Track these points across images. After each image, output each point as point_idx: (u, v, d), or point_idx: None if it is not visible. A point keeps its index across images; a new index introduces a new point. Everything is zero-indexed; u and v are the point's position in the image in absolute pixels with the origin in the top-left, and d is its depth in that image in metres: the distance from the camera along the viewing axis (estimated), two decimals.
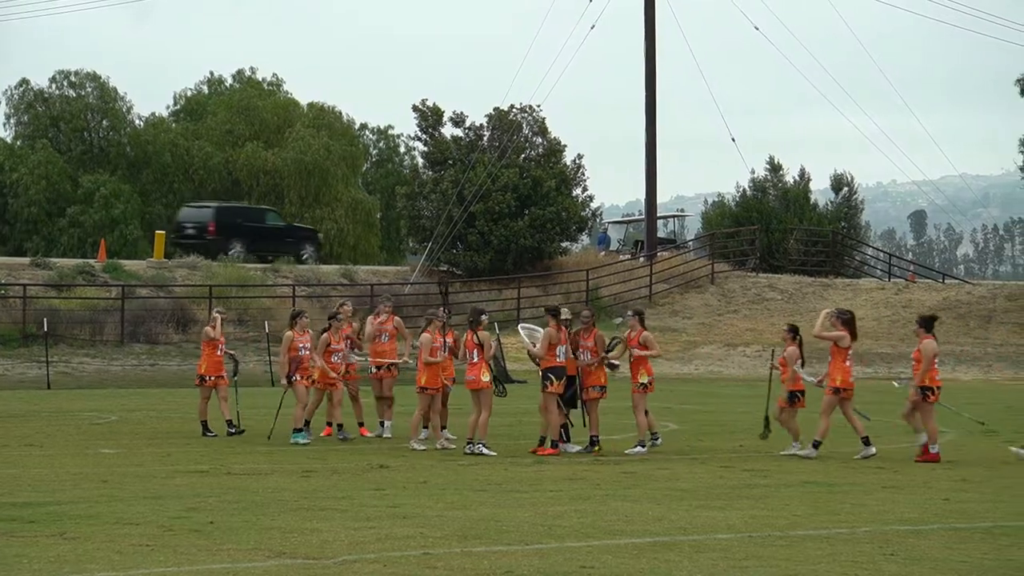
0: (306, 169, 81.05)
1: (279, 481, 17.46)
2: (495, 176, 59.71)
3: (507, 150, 61.19)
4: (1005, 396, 38.69)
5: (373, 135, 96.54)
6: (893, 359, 50.71)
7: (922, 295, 59.22)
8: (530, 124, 63.09)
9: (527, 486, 17.11)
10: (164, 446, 22.23)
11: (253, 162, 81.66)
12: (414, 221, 62.75)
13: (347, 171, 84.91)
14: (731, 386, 43.96)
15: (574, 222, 62.23)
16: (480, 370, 21.30)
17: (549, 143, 63.19)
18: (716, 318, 57.71)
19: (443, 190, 60.19)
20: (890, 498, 16.01)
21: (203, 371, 24.90)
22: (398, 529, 13.33)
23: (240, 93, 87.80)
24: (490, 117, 63.05)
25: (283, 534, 12.99)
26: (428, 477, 18.06)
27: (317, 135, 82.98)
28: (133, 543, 12.44)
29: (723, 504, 15.39)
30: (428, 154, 63.77)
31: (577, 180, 63.20)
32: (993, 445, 23.18)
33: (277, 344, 48.27)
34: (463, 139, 62.95)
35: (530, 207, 60.57)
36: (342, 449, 21.94)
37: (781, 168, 72.13)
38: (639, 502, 15.52)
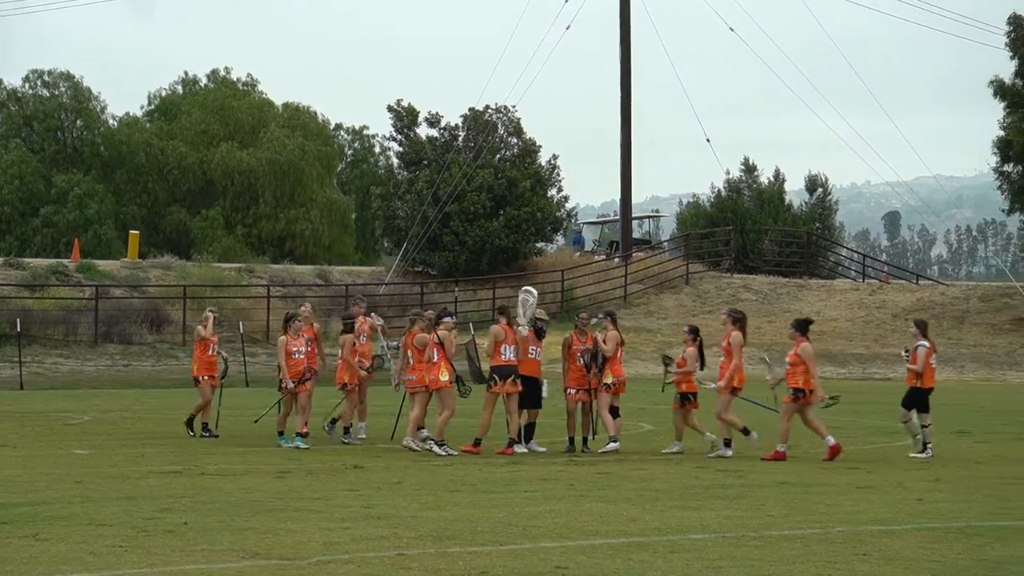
0: (281, 169, 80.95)
1: (253, 482, 17.42)
2: (470, 176, 59.70)
3: (482, 150, 61.20)
4: (978, 397, 38.81)
5: (348, 135, 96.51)
6: (867, 360, 50.85)
7: (896, 296, 59.40)
8: (505, 124, 63.12)
9: (502, 487, 17.10)
10: (138, 447, 22.16)
11: (228, 162, 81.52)
12: (389, 221, 62.71)
13: (322, 171, 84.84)
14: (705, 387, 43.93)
15: (549, 222, 62.28)
16: (439, 369, 21.30)
17: (524, 143, 63.22)
18: (691, 319, 57.76)
19: (418, 190, 60.16)
20: (864, 498, 16.04)
21: (197, 372, 24.69)
22: (372, 530, 13.31)
23: (215, 93, 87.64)
24: (465, 117, 63.06)
25: (257, 535, 12.96)
26: (403, 478, 18.04)
27: (292, 135, 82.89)
28: (107, 544, 12.40)
29: (697, 504, 15.40)
30: (403, 154, 63.75)
31: (552, 181, 63.24)
32: (966, 445, 23.26)
33: (251, 345, 48.47)
34: (438, 139, 62.94)
35: (505, 207, 60.58)
36: (317, 449, 21.90)
37: (756, 169, 72.33)
38: (614, 503, 15.53)
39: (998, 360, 50.24)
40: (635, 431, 25.14)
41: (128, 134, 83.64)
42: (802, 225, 69.52)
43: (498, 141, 62.98)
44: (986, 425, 27.67)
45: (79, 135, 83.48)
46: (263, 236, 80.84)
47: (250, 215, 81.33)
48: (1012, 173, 57.58)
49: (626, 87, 62.26)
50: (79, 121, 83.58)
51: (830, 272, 69.09)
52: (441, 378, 21.29)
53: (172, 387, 41.71)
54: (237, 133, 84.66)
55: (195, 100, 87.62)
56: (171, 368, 46.66)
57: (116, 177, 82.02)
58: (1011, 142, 56.66)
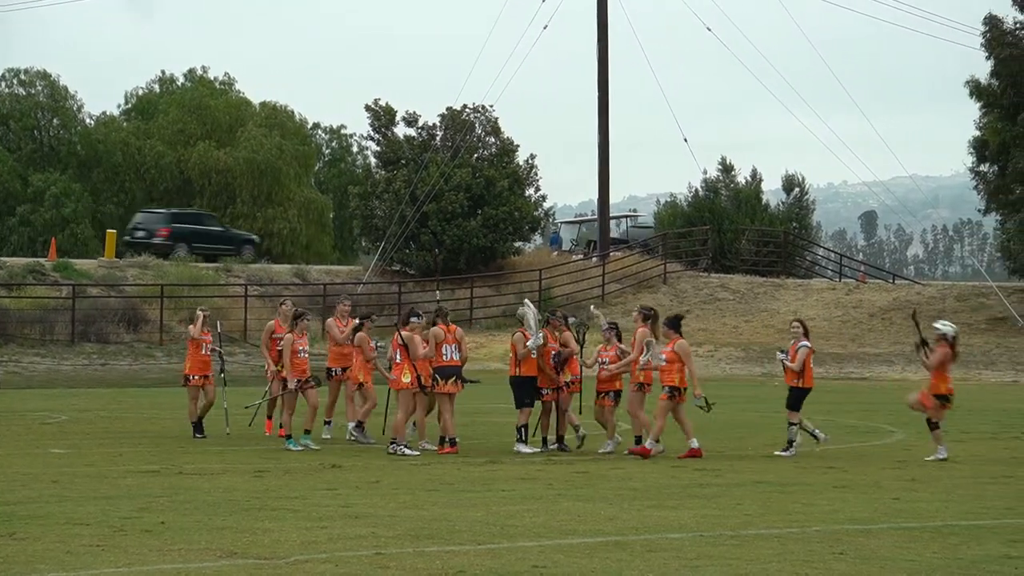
0: (258, 168, 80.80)
1: (231, 481, 17.39)
2: (448, 176, 59.69)
3: (460, 150, 61.19)
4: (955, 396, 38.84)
5: (326, 134, 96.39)
6: (844, 359, 50.98)
7: (872, 295, 59.57)
8: (483, 124, 63.11)
9: (479, 486, 17.11)
10: (115, 446, 22.11)
11: (205, 161, 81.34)
12: (367, 221, 62.66)
13: (299, 171, 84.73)
14: None
15: (527, 222, 62.29)
16: (401, 370, 21.30)
17: (502, 143, 63.22)
18: None
19: (396, 190, 60.11)
20: (840, 497, 16.08)
21: (188, 371, 24.33)
22: (350, 529, 13.31)
23: (192, 92, 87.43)
24: (443, 117, 63.04)
25: (235, 534, 12.94)
26: (380, 477, 18.03)
27: (269, 134, 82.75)
28: (84, 543, 12.37)
29: (675, 504, 15.43)
30: (381, 154, 63.70)
31: (530, 180, 63.25)
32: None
33: (229, 344, 48.37)
34: (416, 139, 62.91)
35: (483, 207, 60.58)
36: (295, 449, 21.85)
37: (733, 169, 72.46)
38: (591, 502, 15.54)
39: (974, 360, 50.39)
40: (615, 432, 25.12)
41: (105, 133, 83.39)
42: (779, 225, 69.67)
43: (476, 141, 62.98)
44: (962, 424, 27.77)
45: (56, 134, 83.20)
46: None
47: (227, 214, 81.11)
48: (988, 173, 57.77)
49: (603, 87, 62.32)
50: (56, 120, 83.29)
51: (807, 272, 69.25)
52: (403, 380, 21.30)
53: (150, 386, 41.62)
54: (214, 132, 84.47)
55: (172, 99, 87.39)
56: (148, 367, 46.56)
57: (93, 176, 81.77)
58: (987, 142, 56.85)
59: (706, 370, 50.21)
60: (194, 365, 24.24)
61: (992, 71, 56.44)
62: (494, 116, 63.18)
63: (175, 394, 38.12)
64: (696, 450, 20.98)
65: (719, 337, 54.87)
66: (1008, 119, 55.70)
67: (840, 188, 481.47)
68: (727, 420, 29.30)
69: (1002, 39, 55.60)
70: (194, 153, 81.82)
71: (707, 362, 51.37)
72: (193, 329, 24.50)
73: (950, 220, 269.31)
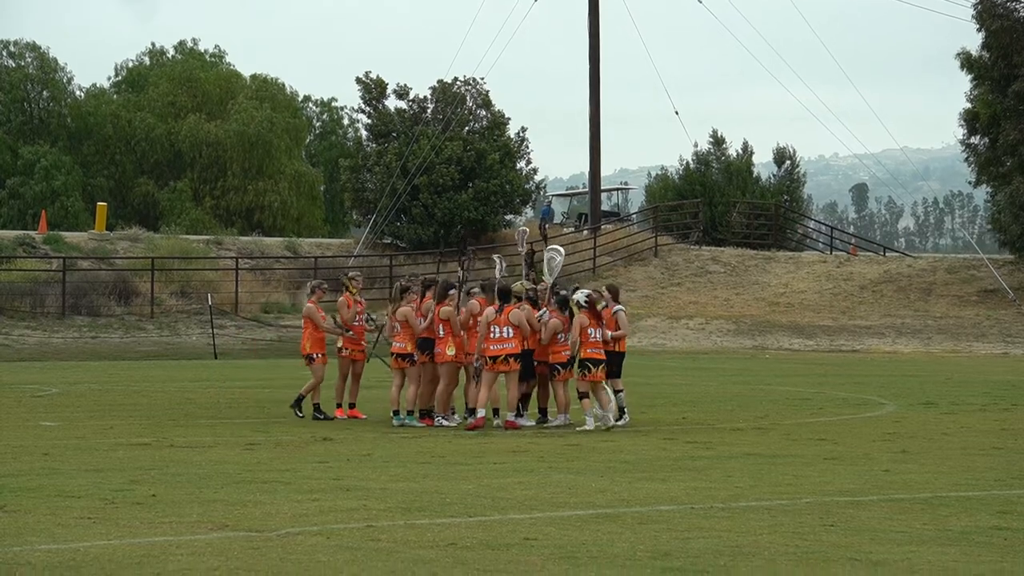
0: (249, 141, 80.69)
1: (222, 453, 17.39)
2: (439, 149, 59.61)
3: (451, 123, 61.10)
4: (945, 368, 39.00)
5: (316, 107, 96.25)
6: (835, 332, 51.02)
7: (863, 268, 59.60)
8: (474, 97, 63.02)
9: (471, 459, 17.11)
10: (106, 419, 22.09)
11: (195, 134, 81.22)
12: (358, 194, 62.60)
13: (290, 143, 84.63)
14: (674, 358, 44.11)
15: (518, 195, 62.28)
16: (446, 344, 21.42)
17: (493, 116, 63.15)
18: (660, 291, 57.89)
19: (387, 163, 60.05)
20: (831, 469, 16.10)
21: (310, 349, 22.38)
22: (341, 502, 13.31)
23: (182, 64, 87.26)
24: (434, 89, 62.95)
25: (226, 507, 12.94)
26: (372, 450, 18.02)
27: (260, 107, 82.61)
28: (75, 516, 12.36)
29: (665, 476, 15.43)
30: (372, 126, 63.62)
31: (521, 153, 63.24)
32: (933, 417, 23.34)
33: (218, 318, 48.42)
34: (407, 111, 62.83)
35: (474, 180, 60.54)
36: (286, 422, 21.86)
37: (724, 142, 72.43)
38: (582, 474, 15.54)
39: (965, 332, 50.47)
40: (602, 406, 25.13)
41: (95, 105, 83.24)
42: (770, 197, 69.68)
43: (467, 113, 62.89)
44: (952, 396, 27.79)
45: (45, 106, 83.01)
46: (231, 208, 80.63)
47: (218, 187, 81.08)
48: (979, 145, 57.73)
49: (595, 60, 62.19)
50: (45, 92, 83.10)
51: (798, 244, 69.29)
52: (448, 352, 21.37)
53: (140, 359, 41.59)
54: (205, 105, 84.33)
55: (162, 71, 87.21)
56: (139, 340, 46.53)
57: (83, 149, 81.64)
58: (978, 114, 56.80)
59: (696, 343, 50.26)
60: (315, 343, 22.44)
61: (983, 43, 56.36)
62: (485, 89, 63.15)
63: (166, 367, 38.14)
64: (512, 422, 21.00)
65: (710, 310, 54.90)
66: (999, 91, 55.65)
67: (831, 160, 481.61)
68: (718, 393, 29.32)
69: (993, 11, 55.49)
70: (184, 126, 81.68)
71: (698, 335, 51.41)
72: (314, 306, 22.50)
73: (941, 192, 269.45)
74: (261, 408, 24.45)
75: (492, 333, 21.10)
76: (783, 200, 70.72)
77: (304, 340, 22.54)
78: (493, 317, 21.13)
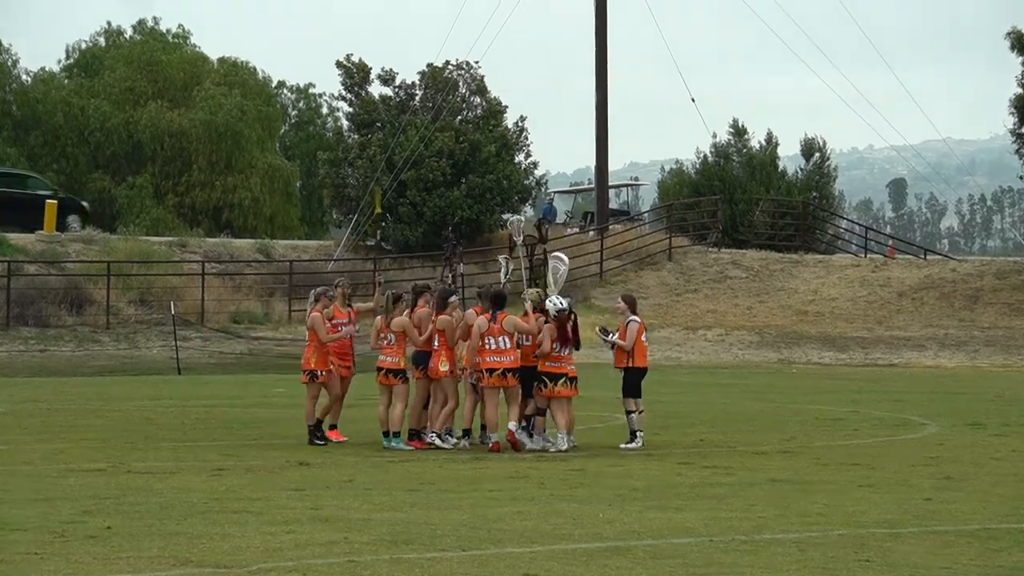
0: (216, 132, 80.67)
1: (186, 480, 17.38)
2: (428, 140, 59.65)
3: (442, 111, 61.15)
4: (994, 385, 38.99)
5: (292, 94, 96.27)
6: (870, 344, 51.06)
7: (902, 272, 59.65)
8: (467, 82, 63.06)
9: (464, 485, 17.11)
10: (55, 442, 22.08)
11: (157, 124, 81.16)
12: (338, 190, 62.63)
13: (263, 134, 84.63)
14: (691, 373, 44.13)
15: (516, 191, 62.29)
16: (439, 359, 21.44)
17: (489, 104, 63.20)
18: (674, 298, 57.93)
19: (371, 156, 60.09)
20: (866, 498, 16.10)
21: (312, 365, 22.19)
22: (320, 534, 13.30)
23: (142, 46, 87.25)
24: (423, 75, 63.00)
25: (190, 540, 12.93)
26: (353, 475, 18.03)
27: (229, 94, 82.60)
28: (20, 552, 12.34)
29: (681, 505, 15.44)
30: (354, 115, 63.67)
31: (520, 145, 63.27)
32: (980, 439, 23.35)
33: (182, 329, 48.39)
34: (393, 99, 62.87)
35: (467, 175, 60.60)
36: (257, 445, 21.86)
37: (746, 132, 72.49)
38: (588, 503, 15.55)
39: (1016, 344, 50.51)
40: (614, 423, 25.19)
41: (44, 92, 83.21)
42: (797, 194, 69.72)
43: (459, 101, 62.93)
44: (1002, 416, 27.82)
45: None
46: (197, 206, 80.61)
47: (182, 183, 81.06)
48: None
49: (601, 41, 62.23)
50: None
51: (828, 246, 69.35)
52: (441, 368, 21.38)
53: (95, 375, 41.57)
54: (167, 91, 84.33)
55: (119, 54, 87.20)
56: (93, 354, 46.52)
57: (30, 140, 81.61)
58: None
59: (715, 356, 50.30)
60: (320, 358, 22.24)
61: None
62: (480, 74, 63.19)
63: (123, 383, 38.11)
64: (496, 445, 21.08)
65: (730, 319, 54.94)
66: None
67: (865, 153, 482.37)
68: (739, 412, 29.32)
69: None
70: (144, 114, 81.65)
71: (716, 347, 51.45)
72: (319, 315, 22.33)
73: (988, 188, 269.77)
74: (230, 429, 24.45)
75: (487, 344, 21.10)
76: (812, 197, 70.78)
77: (308, 354, 22.39)
78: (486, 327, 21.13)
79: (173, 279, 53.27)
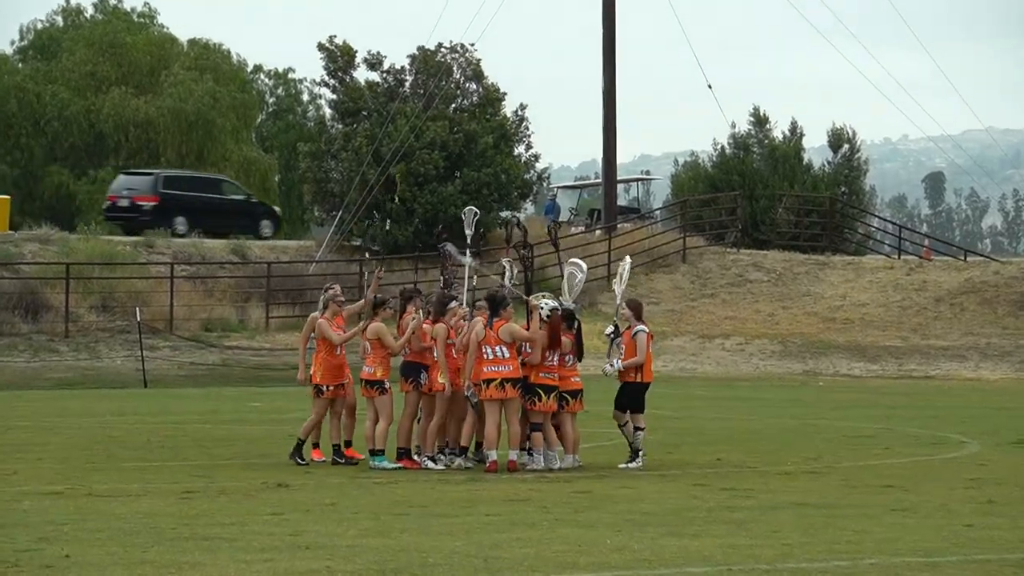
0: (186, 121, 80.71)
1: (152, 504, 17.38)
2: (419, 131, 59.66)
3: (434, 99, 61.14)
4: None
5: (269, 80, 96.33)
6: (904, 354, 51.07)
7: (939, 275, 59.64)
8: (462, 67, 63.05)
9: (459, 509, 17.10)
10: (9, 462, 22.07)
11: (121, 112, 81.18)
12: (320, 185, 62.62)
13: (237, 124, 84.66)
14: (707, 386, 44.13)
15: (516, 187, 62.27)
16: (437, 370, 21.50)
17: (486, 90, 63.19)
18: (689, 304, 57.94)
19: (356, 147, 60.08)
20: (901, 523, 16.09)
21: (318, 379, 22.18)
22: (300, 562, 13.30)
23: (104, 27, 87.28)
24: (413, 58, 62.97)
25: (157, 569, 12.93)
26: (337, 498, 18.03)
27: (200, 79, 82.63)
28: None
29: (697, 530, 15.43)
30: (337, 103, 63.65)
31: (520, 136, 63.25)
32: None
33: (149, 338, 48.38)
34: (380, 85, 62.86)
35: (462, 168, 60.58)
36: (231, 464, 21.85)
37: (768, 121, 72.49)
38: (595, 528, 15.54)
39: None
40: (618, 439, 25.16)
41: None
42: (824, 189, 69.73)
43: (453, 87, 62.93)
44: None
45: None
46: None
47: None
48: None
49: (609, 21, 62.25)
50: None
51: (858, 247, 69.37)
52: (439, 380, 21.41)
53: (53, 388, 41.56)
54: (132, 76, 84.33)
55: (79, 35, 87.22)
56: (51, 365, 46.52)
57: None
58: None
59: (734, 367, 50.31)
60: (327, 371, 22.16)
61: None
62: (476, 58, 63.16)
63: (84, 397, 38.09)
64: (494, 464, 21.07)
65: (750, 327, 54.95)
66: None
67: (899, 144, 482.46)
68: (760, 428, 29.32)
69: None
70: (107, 102, 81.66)
71: (735, 357, 51.46)
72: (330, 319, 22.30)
73: None
74: (201, 448, 24.44)
75: (484, 354, 21.09)
76: (840, 192, 70.81)
77: (315, 366, 22.29)
78: (483, 335, 21.13)
79: (139, 283, 53.24)
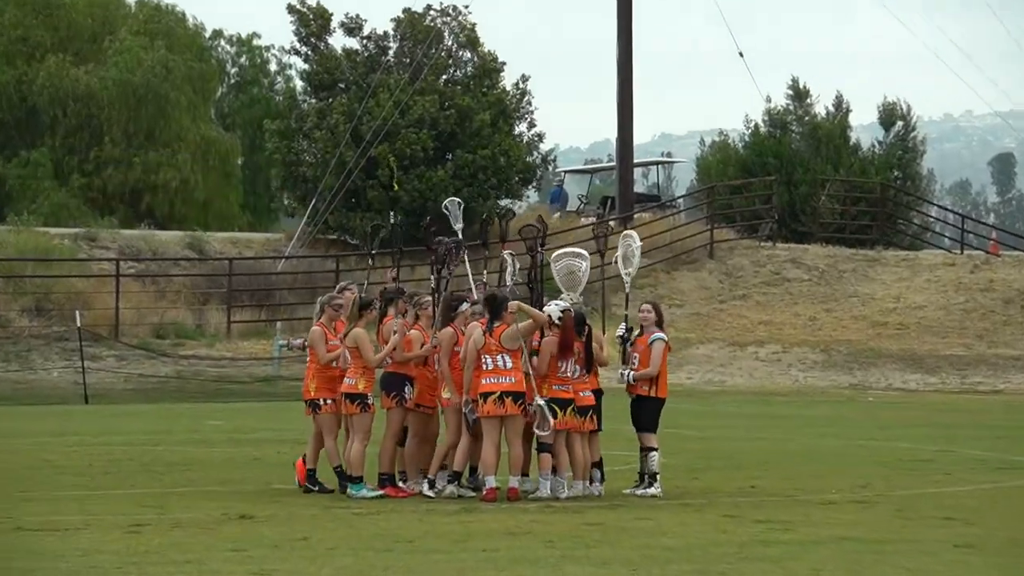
0: (135, 94, 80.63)
1: (95, 539, 17.38)
2: (405, 106, 59.68)
3: (422, 69, 61.18)
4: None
5: (231, 47, 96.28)
6: (968, 364, 51.09)
7: (1009, 274, 59.67)
8: (454, 32, 63.11)
9: (451, 544, 17.11)
10: None
11: (58, 83, 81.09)
12: (291, 169, 62.69)
13: (194, 98, 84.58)
14: (738, 401, 44.15)
15: (517, 171, 62.32)
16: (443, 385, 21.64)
17: (482, 60, 63.26)
18: (717, 306, 57.96)
19: (332, 125, 60.14)
20: (963, 561, 16.10)
21: (312, 394, 22.25)
22: None
23: None
24: (398, 23, 63.04)
25: None
26: (310, 532, 18.02)
27: (150, 46, 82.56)
28: None
29: (726, 569, 15.44)
30: (310, 75, 63.72)
31: (521, 112, 63.33)
32: None
33: (91, 346, 48.32)
34: (360, 54, 62.93)
35: (455, 150, 60.66)
36: (186, 492, 21.86)
37: (808, 95, 72.59)
38: (608, 566, 15.55)
39: None
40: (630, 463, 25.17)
41: None
42: (875, 174, 69.78)
43: (444, 56, 62.97)
44: None
45: None
46: (110, 189, 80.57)
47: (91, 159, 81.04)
48: None
49: None
50: None
51: (914, 240, 69.39)
52: (444, 394, 21.48)
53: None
54: (71, 42, 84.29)
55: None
56: None
57: None
58: None
59: (769, 379, 50.34)
60: (321, 384, 22.23)
61: None
62: (470, 22, 63.22)
63: (15, 415, 38.10)
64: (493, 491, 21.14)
65: (788, 333, 54.96)
66: None
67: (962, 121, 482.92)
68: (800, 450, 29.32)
69: None
70: (42, 71, 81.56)
71: (771, 368, 51.47)
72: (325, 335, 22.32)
73: None
74: (151, 474, 24.44)
75: (484, 364, 21.10)
76: (893, 178, 70.84)
77: (307, 379, 22.39)
78: (483, 342, 21.12)
79: (79, 282, 53.23)
